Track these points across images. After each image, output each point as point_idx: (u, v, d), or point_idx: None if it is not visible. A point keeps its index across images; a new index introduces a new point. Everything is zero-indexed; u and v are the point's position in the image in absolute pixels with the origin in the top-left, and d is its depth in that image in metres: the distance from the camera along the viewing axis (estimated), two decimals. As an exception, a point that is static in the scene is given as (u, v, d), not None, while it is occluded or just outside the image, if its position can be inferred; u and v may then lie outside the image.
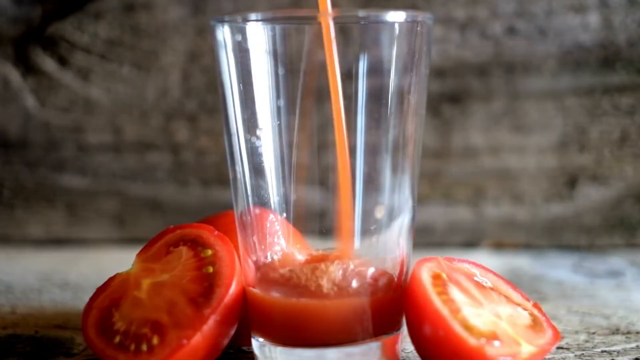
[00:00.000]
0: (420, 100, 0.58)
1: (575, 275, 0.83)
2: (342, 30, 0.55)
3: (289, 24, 0.56)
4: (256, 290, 0.57)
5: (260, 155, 0.57)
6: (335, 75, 0.56)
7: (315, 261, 0.57)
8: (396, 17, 0.55)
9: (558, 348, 0.62)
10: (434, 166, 0.93)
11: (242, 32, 0.56)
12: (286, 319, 0.56)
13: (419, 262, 0.58)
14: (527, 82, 0.91)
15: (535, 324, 0.57)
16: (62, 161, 0.95)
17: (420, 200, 0.90)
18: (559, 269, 0.85)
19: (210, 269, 0.57)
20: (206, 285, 0.57)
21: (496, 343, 0.54)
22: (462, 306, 0.55)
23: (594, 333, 0.66)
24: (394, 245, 0.58)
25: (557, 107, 0.91)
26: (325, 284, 0.56)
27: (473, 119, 0.92)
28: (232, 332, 0.57)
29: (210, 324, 0.55)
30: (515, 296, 0.59)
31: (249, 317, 0.58)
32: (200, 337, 0.55)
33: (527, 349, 0.55)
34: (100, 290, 0.59)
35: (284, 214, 0.59)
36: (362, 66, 0.56)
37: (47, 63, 0.94)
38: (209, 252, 0.58)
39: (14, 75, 0.95)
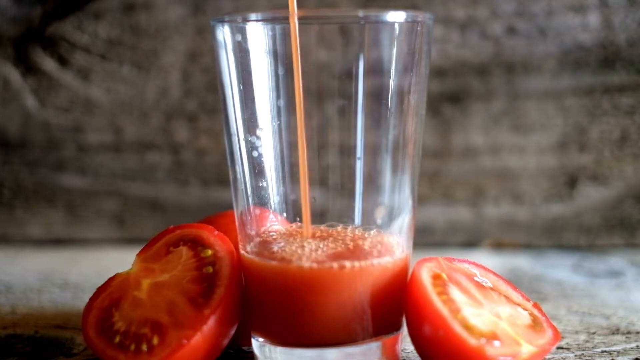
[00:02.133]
0: (420, 100, 0.58)
1: (575, 275, 0.83)
2: (342, 30, 0.55)
3: (289, 24, 0.56)
4: (252, 257, 0.57)
5: (260, 155, 0.57)
6: (299, 74, 0.56)
7: (308, 236, 0.58)
8: (396, 17, 0.55)
9: (558, 348, 0.62)
10: (434, 166, 0.93)
11: (242, 32, 0.56)
12: (281, 286, 0.56)
13: (419, 262, 0.58)
14: (527, 82, 0.91)
15: (535, 324, 0.57)
16: (62, 161, 0.95)
17: (420, 200, 0.90)
18: (559, 269, 0.85)
19: (210, 269, 0.57)
20: (206, 285, 0.57)
21: (496, 343, 0.54)
22: (462, 306, 0.55)
23: (594, 333, 0.66)
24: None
25: (557, 107, 0.91)
26: (318, 251, 0.56)
27: (473, 119, 0.92)
28: (232, 332, 0.57)
29: (210, 324, 0.55)
30: (515, 296, 0.59)
31: (246, 287, 0.58)
32: (200, 337, 0.55)
33: (527, 349, 0.55)
34: (100, 290, 0.59)
35: (284, 214, 0.59)
36: (362, 66, 0.56)
37: (47, 63, 0.94)
38: (209, 252, 0.58)
39: (14, 75, 0.95)
